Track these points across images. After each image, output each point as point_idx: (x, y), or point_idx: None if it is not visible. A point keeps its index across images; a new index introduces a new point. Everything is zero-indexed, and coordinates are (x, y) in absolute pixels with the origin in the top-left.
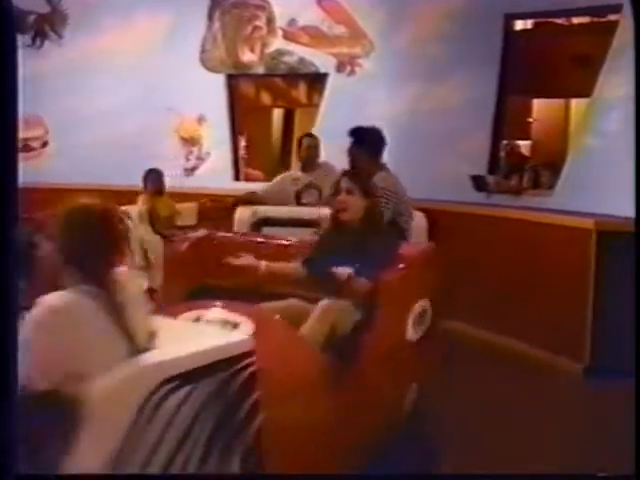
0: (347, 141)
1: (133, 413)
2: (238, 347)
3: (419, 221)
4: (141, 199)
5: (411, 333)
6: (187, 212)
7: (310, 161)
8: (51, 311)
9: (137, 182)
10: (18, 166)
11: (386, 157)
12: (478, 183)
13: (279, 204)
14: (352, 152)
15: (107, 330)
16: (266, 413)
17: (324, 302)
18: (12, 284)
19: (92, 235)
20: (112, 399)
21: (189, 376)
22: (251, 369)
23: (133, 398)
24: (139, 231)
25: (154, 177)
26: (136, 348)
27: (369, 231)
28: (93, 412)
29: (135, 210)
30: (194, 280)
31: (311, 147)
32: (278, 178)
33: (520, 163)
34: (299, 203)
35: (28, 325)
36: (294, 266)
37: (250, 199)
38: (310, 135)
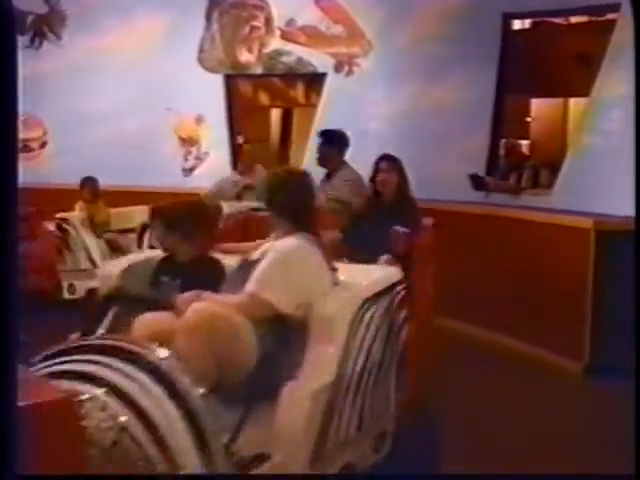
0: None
1: (347, 325)
2: (396, 276)
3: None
4: (78, 206)
5: None
6: (127, 216)
7: (248, 165)
8: (291, 250)
9: (136, 182)
10: (18, 166)
11: None
12: (476, 182)
13: None
14: (322, 150)
15: (322, 265)
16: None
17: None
18: (12, 284)
19: (301, 194)
20: (334, 318)
21: (375, 297)
22: (403, 292)
23: (347, 314)
24: (81, 236)
25: (90, 185)
26: (335, 280)
27: (401, 202)
28: (319, 330)
29: (75, 216)
30: None
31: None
32: (217, 182)
33: (520, 162)
34: None
35: (277, 259)
36: (336, 236)
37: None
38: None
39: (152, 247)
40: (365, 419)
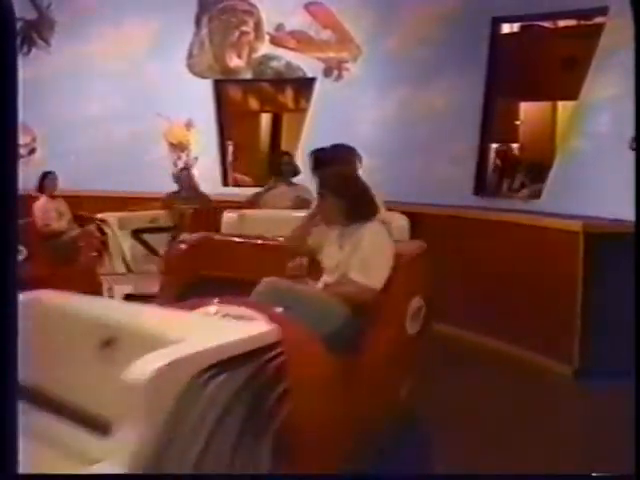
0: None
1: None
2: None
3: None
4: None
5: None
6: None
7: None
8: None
9: (125, 188)
10: (18, 171)
11: (374, 160)
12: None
13: None
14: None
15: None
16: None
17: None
18: (12, 285)
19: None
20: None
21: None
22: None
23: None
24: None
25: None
26: None
27: None
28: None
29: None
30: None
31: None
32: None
33: (511, 166)
34: None
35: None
36: None
37: None
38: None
39: None
40: None
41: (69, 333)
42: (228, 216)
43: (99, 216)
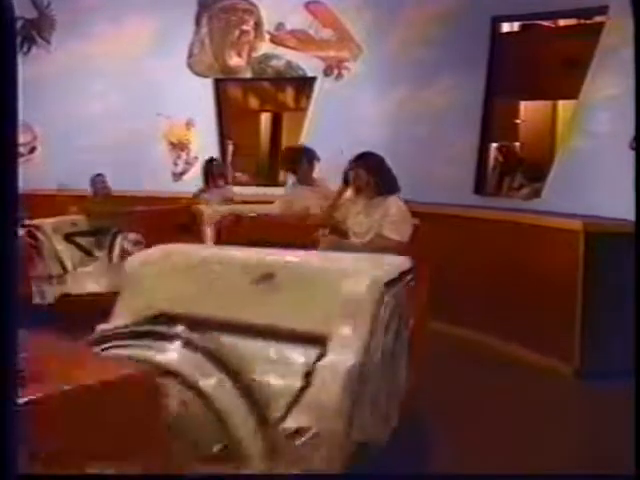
0: (337, 144)
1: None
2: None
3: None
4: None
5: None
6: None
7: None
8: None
9: (126, 187)
10: (18, 170)
11: None
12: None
13: None
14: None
15: None
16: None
17: None
18: (12, 287)
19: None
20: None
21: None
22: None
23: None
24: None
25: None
26: None
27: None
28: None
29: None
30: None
31: None
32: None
33: (512, 165)
34: None
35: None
36: None
37: None
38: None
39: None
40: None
41: (223, 274)
42: None
43: (33, 222)
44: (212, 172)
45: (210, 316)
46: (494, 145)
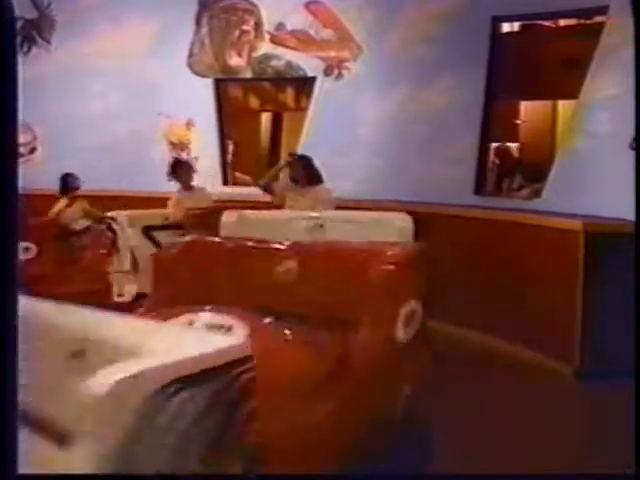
0: (336, 144)
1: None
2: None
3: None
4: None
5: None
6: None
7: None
8: None
9: (126, 187)
10: (18, 171)
11: (374, 160)
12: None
13: None
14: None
15: None
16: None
17: None
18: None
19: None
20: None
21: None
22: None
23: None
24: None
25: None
26: None
27: None
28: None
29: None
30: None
31: None
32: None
33: (511, 165)
34: None
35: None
36: None
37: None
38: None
39: None
40: None
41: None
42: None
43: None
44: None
45: None
46: (493, 145)
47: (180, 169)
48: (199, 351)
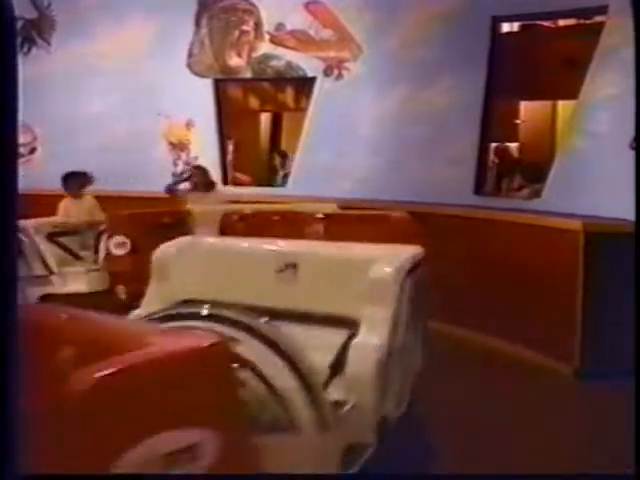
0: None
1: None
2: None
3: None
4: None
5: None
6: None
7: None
8: None
9: (126, 187)
10: (18, 170)
11: (374, 160)
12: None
13: None
14: None
15: None
16: None
17: None
18: (12, 287)
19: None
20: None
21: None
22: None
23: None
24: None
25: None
26: None
27: None
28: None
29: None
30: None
31: None
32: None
33: (510, 165)
34: None
35: None
36: None
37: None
38: None
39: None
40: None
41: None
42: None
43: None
44: (198, 179)
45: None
46: (493, 145)
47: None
48: (406, 255)
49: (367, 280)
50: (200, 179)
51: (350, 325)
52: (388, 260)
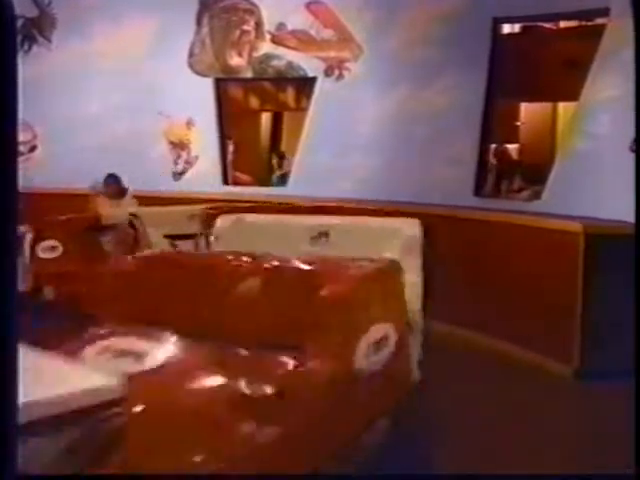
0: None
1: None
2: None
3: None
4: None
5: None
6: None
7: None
8: None
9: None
10: (18, 169)
11: (374, 160)
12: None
13: None
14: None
15: None
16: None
17: None
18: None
19: None
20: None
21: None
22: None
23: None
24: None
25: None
26: None
27: None
28: None
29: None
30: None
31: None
32: None
33: (510, 167)
34: None
35: None
36: None
37: None
38: None
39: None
40: None
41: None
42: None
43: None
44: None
45: None
46: (492, 147)
47: None
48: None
49: (403, 237)
50: (112, 187)
51: None
52: (410, 224)
